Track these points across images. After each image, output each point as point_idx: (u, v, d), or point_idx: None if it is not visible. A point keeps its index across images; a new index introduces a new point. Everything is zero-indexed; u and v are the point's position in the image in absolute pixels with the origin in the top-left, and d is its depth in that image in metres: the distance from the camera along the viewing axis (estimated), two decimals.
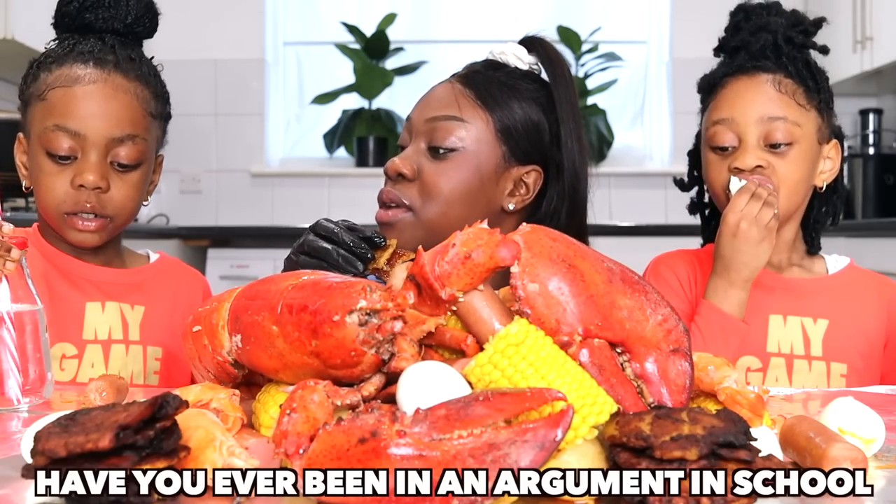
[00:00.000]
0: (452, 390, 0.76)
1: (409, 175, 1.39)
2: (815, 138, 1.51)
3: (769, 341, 1.50)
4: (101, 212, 1.41)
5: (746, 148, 1.48)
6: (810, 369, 1.49)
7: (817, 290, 1.55)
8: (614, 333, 0.82)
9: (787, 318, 1.51)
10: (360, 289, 0.81)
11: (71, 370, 1.43)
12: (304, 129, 4.94)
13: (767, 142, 1.48)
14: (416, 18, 4.88)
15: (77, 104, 1.38)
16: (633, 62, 4.79)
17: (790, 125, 1.48)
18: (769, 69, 1.51)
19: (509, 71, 1.47)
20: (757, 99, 1.50)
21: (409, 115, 1.47)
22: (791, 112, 1.48)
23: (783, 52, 1.52)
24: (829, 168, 1.55)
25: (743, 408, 0.84)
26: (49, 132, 1.38)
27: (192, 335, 0.95)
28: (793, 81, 1.50)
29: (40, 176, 1.41)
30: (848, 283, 1.57)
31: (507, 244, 0.81)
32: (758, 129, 1.48)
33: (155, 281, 1.56)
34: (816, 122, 1.51)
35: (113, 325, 1.48)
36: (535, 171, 1.44)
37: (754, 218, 1.43)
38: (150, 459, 0.70)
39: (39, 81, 1.42)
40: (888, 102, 4.55)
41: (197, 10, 4.62)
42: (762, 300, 1.53)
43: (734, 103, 1.51)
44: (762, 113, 1.48)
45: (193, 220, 4.58)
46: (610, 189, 4.66)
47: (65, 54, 1.43)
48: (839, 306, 1.53)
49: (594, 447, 0.75)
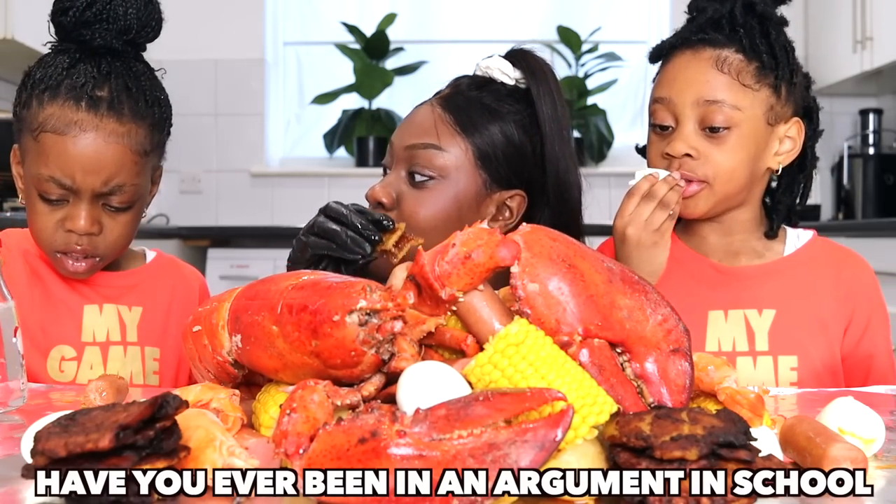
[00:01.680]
0: (452, 390, 0.76)
1: (388, 204, 1.38)
2: (761, 121, 1.41)
3: (708, 340, 1.42)
4: (93, 253, 1.40)
5: (680, 132, 1.40)
6: (755, 366, 1.40)
7: (766, 277, 1.46)
8: (614, 333, 0.82)
9: (729, 313, 1.43)
10: (360, 289, 0.81)
11: (70, 372, 1.44)
12: (304, 129, 4.94)
13: (703, 125, 1.40)
14: (416, 18, 4.87)
15: (68, 156, 1.33)
16: (633, 62, 4.79)
17: (729, 109, 1.38)
18: (717, 43, 1.42)
19: (494, 89, 1.45)
20: (695, 79, 1.41)
21: (392, 138, 1.46)
22: (731, 95, 1.39)
23: (738, 23, 1.41)
24: (788, 149, 1.45)
25: (743, 408, 0.84)
26: (42, 180, 1.35)
27: (192, 335, 0.95)
28: (742, 57, 1.40)
29: (32, 213, 1.39)
30: (802, 264, 1.47)
31: (507, 244, 0.81)
32: (694, 112, 1.40)
33: (152, 281, 1.56)
34: (767, 102, 1.41)
35: (111, 327, 1.48)
36: (519, 195, 1.42)
37: (643, 222, 1.36)
38: (150, 459, 0.70)
39: (32, 112, 1.37)
40: (888, 102, 4.55)
41: (197, 10, 4.62)
42: (701, 296, 1.44)
43: (672, 82, 1.44)
44: (698, 95, 1.40)
45: (193, 220, 4.58)
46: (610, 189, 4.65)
47: (57, 84, 1.35)
48: (791, 292, 1.44)
49: (594, 447, 0.75)
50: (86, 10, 1.36)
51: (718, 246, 1.50)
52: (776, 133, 1.44)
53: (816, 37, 4.52)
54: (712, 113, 1.39)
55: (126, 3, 1.38)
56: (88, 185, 1.34)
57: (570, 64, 4.72)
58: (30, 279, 1.46)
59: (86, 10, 1.36)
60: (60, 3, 1.38)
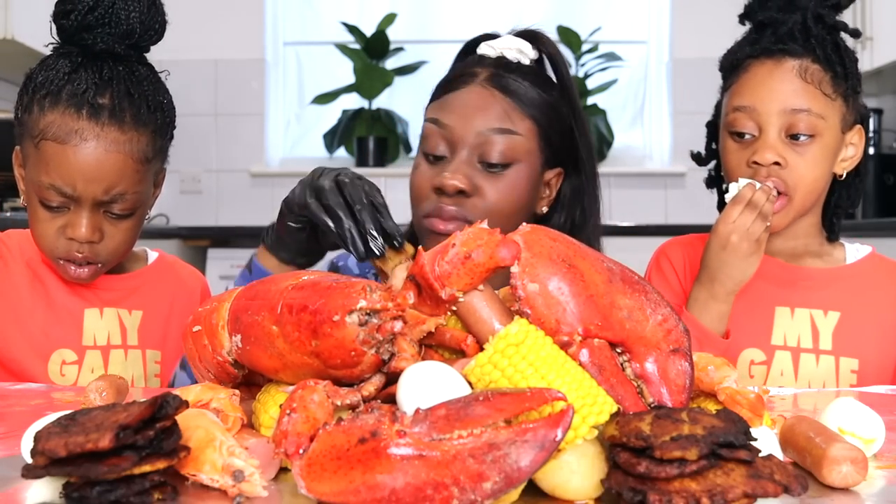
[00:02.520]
0: (452, 390, 0.76)
1: (469, 190, 1.36)
2: (838, 129, 1.45)
3: (774, 334, 1.46)
4: (94, 259, 1.40)
5: (766, 141, 1.42)
6: (818, 364, 1.44)
7: (831, 280, 1.50)
8: (614, 333, 0.82)
9: (795, 311, 1.46)
10: (360, 289, 0.81)
11: (71, 376, 1.44)
12: (304, 129, 4.94)
13: (788, 133, 1.42)
14: (416, 18, 4.87)
15: (69, 165, 1.33)
16: (633, 62, 4.78)
17: (814, 118, 1.41)
18: (796, 53, 1.43)
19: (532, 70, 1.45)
20: (781, 88, 1.42)
21: (442, 121, 1.40)
22: (816, 104, 1.42)
23: (812, 34, 1.43)
24: (852, 155, 1.49)
25: (743, 408, 0.84)
26: (43, 188, 1.34)
27: (192, 335, 0.95)
28: (820, 68, 1.43)
29: (34, 220, 1.39)
30: (866, 274, 1.51)
31: (507, 244, 0.81)
32: (779, 121, 1.42)
33: (153, 284, 1.55)
34: (842, 110, 1.45)
35: (112, 330, 1.48)
36: (559, 172, 1.46)
37: (746, 231, 1.38)
38: (150, 459, 0.70)
39: (34, 117, 1.35)
40: (888, 102, 4.55)
41: (197, 10, 4.62)
42: (769, 291, 1.48)
43: (756, 91, 1.44)
44: (785, 104, 1.42)
45: (193, 220, 4.58)
46: (610, 189, 4.65)
47: (58, 90, 1.34)
48: (853, 298, 1.48)
49: (594, 447, 0.75)
50: (88, 13, 1.35)
51: (783, 249, 1.53)
52: (846, 140, 1.48)
53: None
54: (798, 122, 1.42)
55: (129, 6, 1.36)
56: (89, 194, 1.34)
57: (570, 64, 4.72)
58: (31, 282, 1.45)
59: (88, 13, 1.35)
60: (62, 6, 1.36)
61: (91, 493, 0.69)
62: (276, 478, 0.80)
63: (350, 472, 0.67)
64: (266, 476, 0.78)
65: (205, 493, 0.74)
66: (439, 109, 1.41)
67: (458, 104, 1.40)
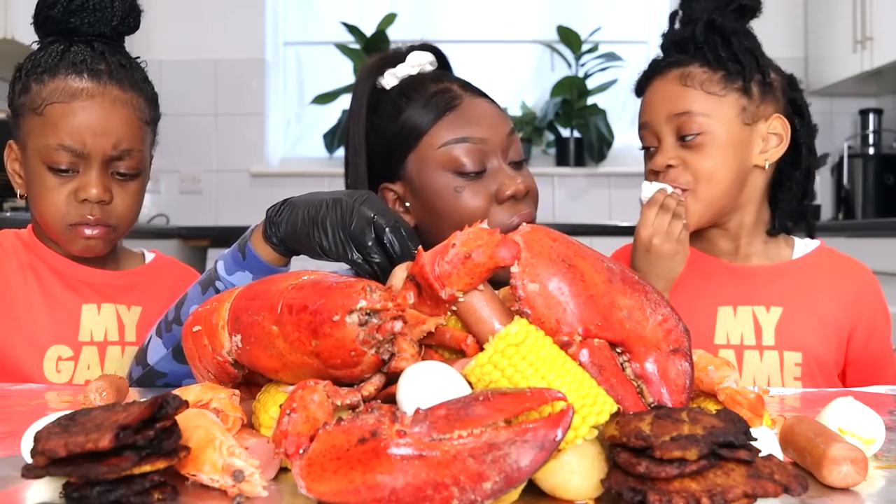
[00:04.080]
0: (452, 390, 0.76)
1: None
2: (735, 122, 1.48)
3: (717, 333, 1.48)
4: (106, 221, 1.42)
5: (661, 148, 1.50)
6: (762, 359, 1.46)
7: (773, 276, 1.52)
8: (614, 333, 0.82)
9: (738, 309, 1.49)
10: (360, 289, 0.81)
11: (67, 372, 1.43)
12: (304, 129, 4.94)
13: (678, 136, 1.49)
14: (416, 18, 4.87)
15: (77, 121, 1.37)
16: (633, 62, 4.78)
17: (697, 117, 1.47)
18: (680, 63, 1.51)
19: None
20: (663, 98, 1.51)
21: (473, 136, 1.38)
22: (697, 104, 1.48)
23: (699, 41, 1.50)
24: (775, 145, 1.51)
25: (743, 408, 0.84)
26: (51, 150, 1.37)
27: (192, 335, 0.95)
28: (706, 69, 1.49)
29: (41, 190, 1.40)
30: (811, 268, 1.54)
31: (507, 244, 0.81)
32: (669, 128, 1.50)
33: (151, 281, 1.56)
34: (737, 104, 1.48)
35: (109, 326, 1.48)
36: None
37: (665, 232, 1.43)
38: (150, 459, 0.70)
39: (32, 93, 1.40)
40: (888, 102, 4.55)
41: (197, 10, 4.62)
42: (711, 292, 1.51)
43: (647, 107, 1.54)
44: (669, 111, 1.49)
45: (193, 220, 4.58)
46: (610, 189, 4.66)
47: (55, 64, 1.40)
48: (797, 293, 1.50)
49: (594, 447, 0.75)
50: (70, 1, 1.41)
51: (727, 249, 1.56)
52: (756, 132, 1.51)
53: (816, 37, 4.52)
54: (683, 123, 1.48)
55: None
56: (99, 149, 1.38)
57: (570, 64, 4.72)
58: (25, 279, 1.45)
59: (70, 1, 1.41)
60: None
61: (91, 493, 0.69)
62: (276, 478, 0.80)
63: (350, 472, 0.67)
64: (266, 476, 0.78)
65: (205, 493, 0.74)
66: (455, 129, 1.37)
67: (472, 118, 1.38)
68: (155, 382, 1.30)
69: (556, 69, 4.81)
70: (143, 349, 1.31)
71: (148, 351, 1.30)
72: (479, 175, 1.36)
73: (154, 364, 1.29)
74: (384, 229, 1.06)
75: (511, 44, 4.84)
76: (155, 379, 1.30)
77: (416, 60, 1.47)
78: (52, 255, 1.48)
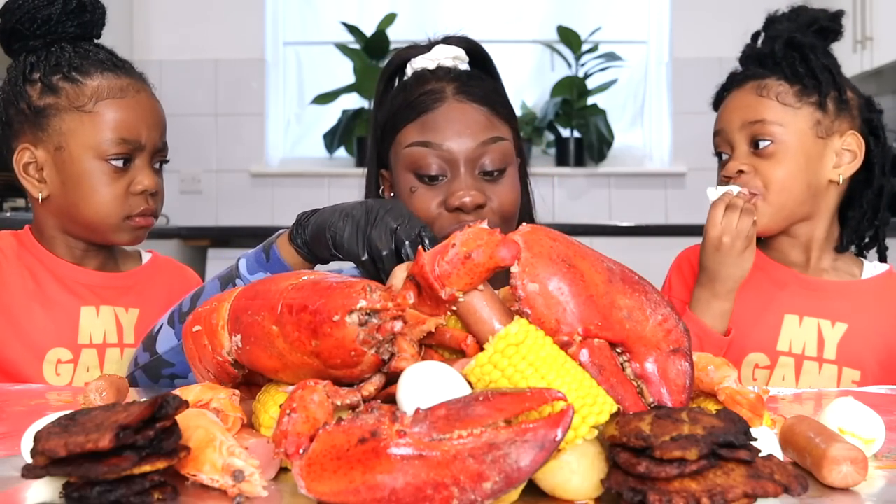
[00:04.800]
0: (452, 390, 0.76)
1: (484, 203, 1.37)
2: (808, 134, 1.50)
3: (781, 340, 1.50)
4: (153, 212, 1.49)
5: (734, 155, 1.53)
6: (820, 372, 1.48)
7: (842, 293, 1.54)
8: (614, 333, 0.82)
9: (804, 319, 1.51)
10: (360, 289, 0.80)
11: (66, 375, 1.43)
12: (304, 129, 4.94)
13: (751, 143, 1.52)
14: (416, 18, 4.87)
15: (133, 115, 1.44)
16: (633, 62, 4.78)
17: (770, 125, 1.50)
18: (758, 76, 1.54)
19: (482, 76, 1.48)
20: (739, 107, 1.54)
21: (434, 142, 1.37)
22: (771, 113, 1.50)
23: (778, 57, 1.53)
24: (848, 161, 1.53)
25: (743, 408, 0.84)
26: (112, 143, 1.42)
27: (192, 335, 0.95)
28: (783, 82, 1.52)
29: (96, 185, 1.42)
30: (878, 290, 1.56)
31: (507, 244, 0.81)
32: (742, 135, 1.52)
33: (148, 282, 1.56)
34: (812, 117, 1.50)
35: (108, 328, 1.47)
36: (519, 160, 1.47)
37: (735, 229, 1.44)
38: (150, 459, 0.70)
39: (68, 93, 1.42)
40: (888, 102, 4.55)
41: (197, 10, 4.62)
42: (780, 299, 1.52)
43: (723, 115, 1.57)
44: (743, 119, 1.52)
45: (193, 220, 4.57)
46: (610, 189, 4.66)
47: (79, 63, 1.43)
48: (864, 312, 1.52)
49: (594, 447, 0.75)
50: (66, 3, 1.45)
51: (799, 261, 1.57)
52: (830, 146, 1.53)
53: None
54: (756, 131, 1.51)
55: None
56: (152, 141, 1.46)
57: (570, 64, 4.72)
58: (24, 282, 1.44)
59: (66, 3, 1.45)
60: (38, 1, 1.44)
61: (91, 493, 0.69)
62: (276, 478, 0.80)
63: (350, 472, 0.67)
64: (266, 476, 0.78)
65: (205, 493, 0.74)
66: (422, 132, 1.37)
67: (442, 123, 1.37)
68: (161, 372, 1.30)
69: (556, 69, 4.81)
70: (153, 336, 1.31)
71: (158, 339, 1.30)
72: (435, 180, 1.36)
73: (163, 353, 1.29)
74: (404, 242, 1.08)
75: (511, 44, 4.84)
76: (161, 368, 1.30)
77: (437, 54, 1.46)
78: (50, 257, 1.47)
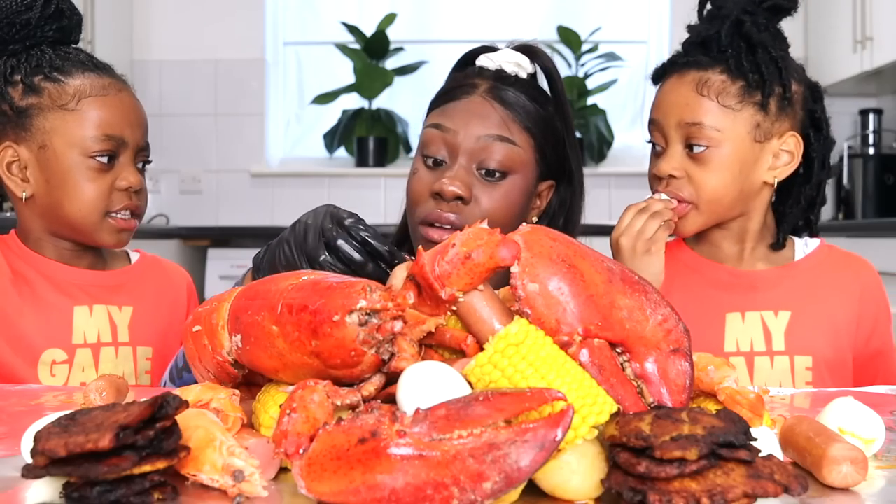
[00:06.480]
0: (452, 390, 0.76)
1: (467, 198, 1.37)
2: (746, 140, 1.44)
3: (727, 340, 1.46)
4: (137, 210, 1.48)
5: (667, 153, 1.46)
6: (772, 365, 1.44)
7: (779, 279, 1.50)
8: (614, 333, 0.82)
9: (746, 315, 1.47)
10: (360, 289, 0.81)
11: (62, 376, 1.43)
12: (304, 129, 4.94)
13: (686, 144, 1.45)
14: (416, 18, 4.88)
15: (116, 112, 1.44)
16: (633, 62, 4.78)
17: (707, 130, 1.42)
18: (701, 65, 1.45)
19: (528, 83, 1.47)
20: (676, 102, 1.46)
21: (444, 125, 1.41)
22: (710, 117, 1.43)
23: (724, 44, 1.44)
24: (786, 162, 1.47)
25: (743, 408, 0.84)
26: (96, 140, 1.42)
27: (192, 335, 0.95)
28: (725, 78, 1.43)
29: (80, 182, 1.42)
30: (814, 268, 1.52)
31: (507, 244, 0.81)
32: (677, 134, 1.45)
33: (139, 280, 1.56)
34: (752, 121, 1.43)
35: (101, 328, 1.47)
36: (550, 184, 1.48)
37: (635, 232, 1.41)
38: (150, 459, 0.70)
39: (51, 92, 1.42)
40: (888, 102, 4.55)
41: (197, 10, 4.62)
42: (718, 299, 1.49)
43: (660, 106, 1.49)
44: (680, 118, 1.44)
45: (193, 220, 4.58)
46: (610, 189, 4.66)
47: (61, 64, 1.44)
48: (803, 295, 1.48)
49: (594, 447, 0.75)
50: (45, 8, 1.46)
51: (731, 253, 1.54)
52: (768, 148, 1.47)
53: (816, 37, 4.52)
54: (693, 134, 1.44)
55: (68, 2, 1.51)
56: (135, 139, 1.46)
57: (570, 64, 4.72)
58: (15, 285, 1.44)
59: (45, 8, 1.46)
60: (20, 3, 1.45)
61: (91, 493, 0.69)
62: (276, 478, 0.80)
63: (350, 472, 0.67)
64: (266, 476, 0.78)
65: (205, 493, 0.74)
66: (440, 116, 1.43)
67: (458, 111, 1.42)
68: None
69: None
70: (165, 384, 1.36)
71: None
72: (439, 165, 1.41)
73: None
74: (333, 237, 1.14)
75: None
76: None
77: (501, 57, 1.47)
78: (39, 258, 1.47)
